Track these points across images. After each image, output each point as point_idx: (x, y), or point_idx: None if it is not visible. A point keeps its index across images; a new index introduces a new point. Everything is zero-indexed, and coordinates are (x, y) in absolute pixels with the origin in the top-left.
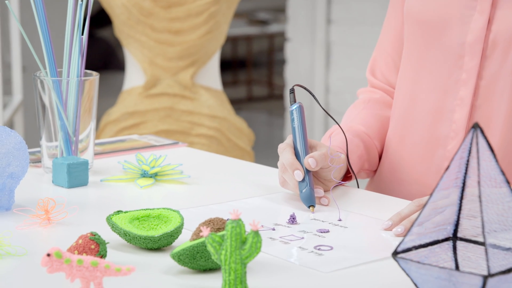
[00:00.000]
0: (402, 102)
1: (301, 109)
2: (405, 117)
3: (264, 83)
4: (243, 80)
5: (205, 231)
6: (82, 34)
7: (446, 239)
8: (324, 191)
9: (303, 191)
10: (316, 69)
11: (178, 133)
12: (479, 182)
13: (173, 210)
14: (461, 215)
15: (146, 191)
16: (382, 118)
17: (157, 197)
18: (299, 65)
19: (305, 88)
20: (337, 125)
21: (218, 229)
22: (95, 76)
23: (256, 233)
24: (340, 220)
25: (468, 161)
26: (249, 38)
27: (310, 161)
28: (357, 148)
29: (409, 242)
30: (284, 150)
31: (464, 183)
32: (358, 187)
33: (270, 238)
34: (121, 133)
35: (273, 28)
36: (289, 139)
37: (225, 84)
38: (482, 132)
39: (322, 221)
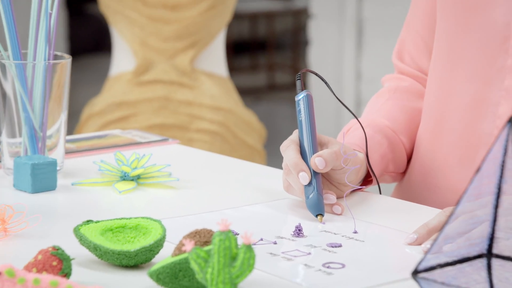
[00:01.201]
0: (435, 93)
1: (309, 98)
2: (438, 111)
3: (288, 68)
4: (264, 65)
5: (188, 245)
6: (51, 9)
7: (479, 256)
8: (337, 198)
9: (310, 197)
10: (346, 51)
11: (174, 127)
12: None
13: (154, 220)
14: (496, 228)
15: (126, 197)
16: (412, 110)
17: (138, 204)
18: (325, 47)
19: (316, 74)
20: (356, 119)
21: (206, 243)
22: (66, 59)
23: (248, 248)
24: (355, 232)
25: (504, 162)
26: (270, 15)
27: (317, 161)
28: (379, 146)
29: (432, 259)
30: (288, 148)
31: (499, 189)
32: (380, 193)
33: (271, 253)
34: (106, 127)
35: (300, 2)
36: (294, 135)
37: (242, 69)
38: None
39: (334, 233)
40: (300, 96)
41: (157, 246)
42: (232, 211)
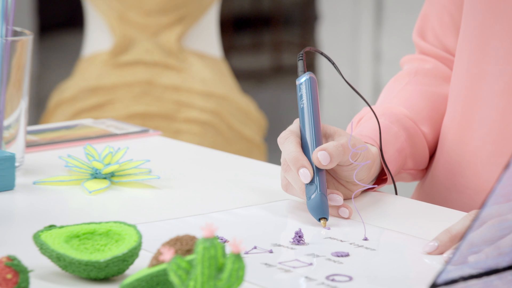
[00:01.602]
0: (463, 76)
1: (312, 81)
2: (468, 97)
3: (296, 47)
4: (268, 44)
5: (167, 254)
6: None
7: (510, 268)
8: (345, 199)
9: (312, 197)
10: (363, 28)
11: (159, 117)
12: None
13: (129, 225)
14: None
15: (97, 198)
16: (435, 96)
17: (111, 206)
18: (338, 23)
19: (321, 53)
20: (368, 107)
21: (188, 251)
22: (27, 36)
23: (237, 257)
24: (365, 239)
25: None
26: None
27: (320, 155)
28: (395, 139)
29: (454, 271)
30: (287, 140)
31: None
32: (396, 193)
33: (266, 264)
34: (78, 117)
35: None
36: (294, 125)
37: (242, 49)
38: None
39: (340, 240)
40: (302, 79)
41: (131, 255)
42: (221, 215)
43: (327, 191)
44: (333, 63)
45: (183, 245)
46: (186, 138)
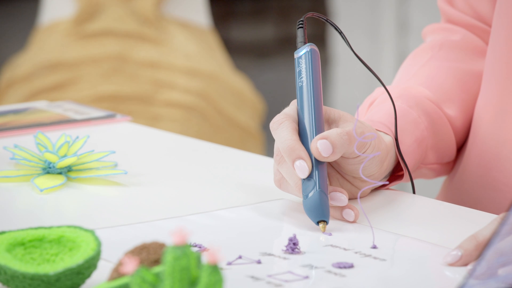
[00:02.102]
0: (502, 48)
1: (313, 54)
2: (507, 74)
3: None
4: (273, 10)
5: (130, 265)
6: None
7: None
8: (351, 198)
9: (309, 195)
10: None
11: (133, 99)
12: None
13: (85, 230)
14: None
15: (50, 197)
16: (464, 74)
17: (66, 207)
18: None
19: (326, 20)
20: (383, 87)
21: (156, 262)
22: None
23: (214, 269)
24: (374, 247)
25: None
26: None
27: (320, 144)
28: (414, 127)
29: (478, 285)
30: (281, 126)
31: None
32: (414, 192)
33: (252, 277)
34: (35, 98)
35: None
36: (291, 107)
37: (241, 16)
38: None
39: (344, 249)
40: (301, 52)
41: (88, 267)
42: (200, 217)
43: (328, 189)
44: (340, 32)
45: (150, 254)
46: (166, 126)
